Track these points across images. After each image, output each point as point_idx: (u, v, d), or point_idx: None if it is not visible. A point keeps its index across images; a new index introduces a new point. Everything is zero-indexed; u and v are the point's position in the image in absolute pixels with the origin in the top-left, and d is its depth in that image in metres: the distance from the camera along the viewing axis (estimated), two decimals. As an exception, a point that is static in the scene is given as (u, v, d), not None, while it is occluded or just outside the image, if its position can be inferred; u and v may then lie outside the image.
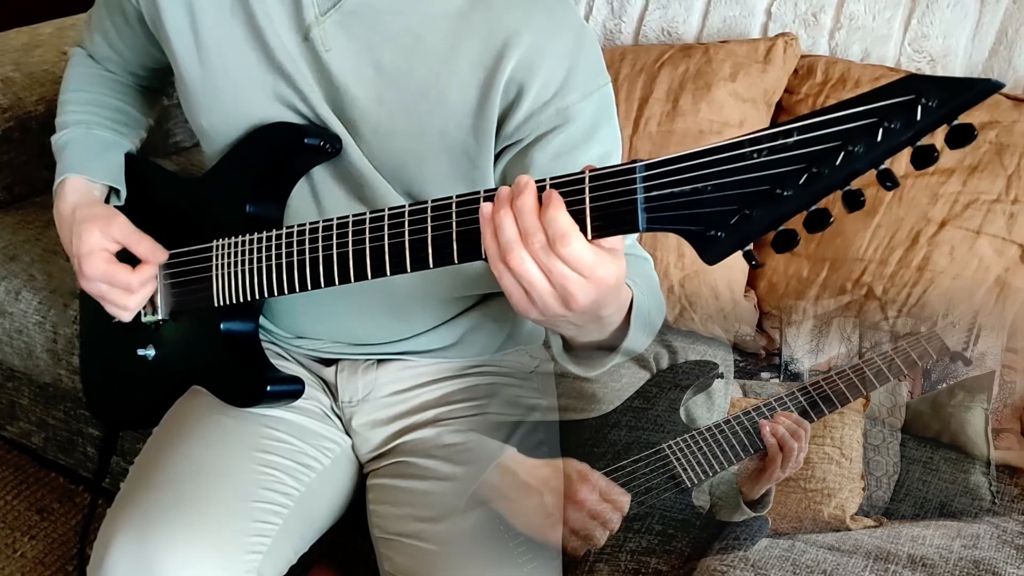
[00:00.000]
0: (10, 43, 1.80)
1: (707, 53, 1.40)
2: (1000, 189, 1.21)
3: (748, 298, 1.34)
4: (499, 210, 0.71)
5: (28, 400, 1.63)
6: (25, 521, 1.63)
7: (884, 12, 1.38)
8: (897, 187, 0.59)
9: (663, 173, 0.65)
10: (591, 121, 0.93)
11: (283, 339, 1.11)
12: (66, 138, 1.09)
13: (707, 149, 0.63)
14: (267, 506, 0.97)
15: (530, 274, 0.70)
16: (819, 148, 0.59)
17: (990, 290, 1.17)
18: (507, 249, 0.70)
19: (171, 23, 0.97)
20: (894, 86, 0.57)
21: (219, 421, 1.01)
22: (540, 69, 0.90)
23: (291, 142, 0.95)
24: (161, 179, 1.12)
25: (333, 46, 0.93)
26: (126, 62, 1.14)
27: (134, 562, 0.90)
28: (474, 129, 0.93)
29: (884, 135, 0.57)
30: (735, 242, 0.63)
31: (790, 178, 0.60)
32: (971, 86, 0.56)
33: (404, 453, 1.05)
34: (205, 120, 1.00)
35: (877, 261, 1.24)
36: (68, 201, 1.04)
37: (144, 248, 1.01)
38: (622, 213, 0.67)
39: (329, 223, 0.87)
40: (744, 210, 0.62)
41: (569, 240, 0.68)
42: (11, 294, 1.48)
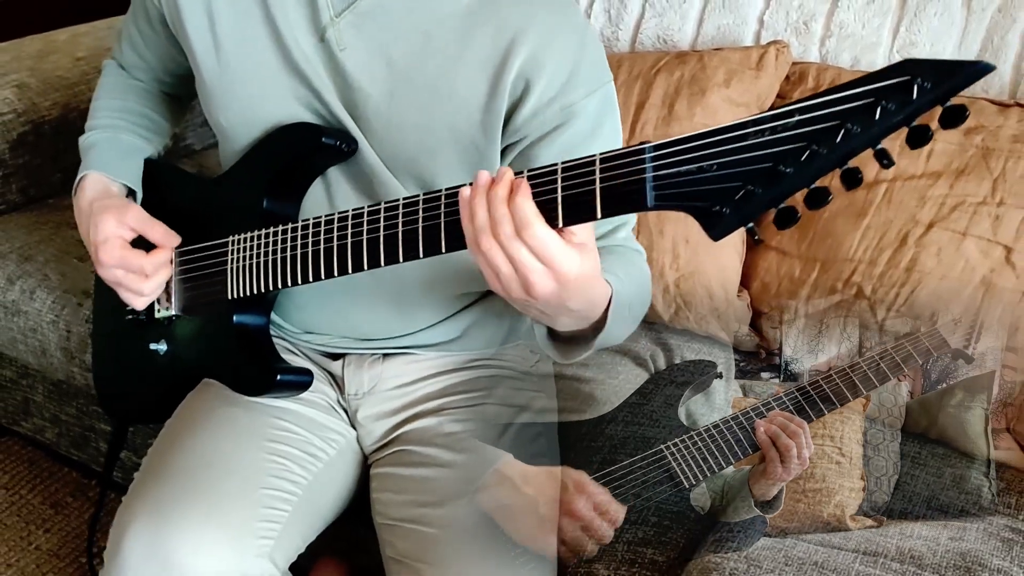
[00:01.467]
0: (25, 50, 1.80)
1: (702, 60, 1.40)
2: (986, 192, 1.21)
3: (741, 297, 1.34)
4: (475, 196, 0.73)
5: (42, 397, 1.63)
6: (40, 515, 1.63)
7: (873, 20, 1.38)
8: (893, 165, 0.60)
9: (671, 153, 0.66)
10: (595, 118, 0.94)
11: (293, 334, 1.11)
12: (93, 139, 1.11)
13: (713, 130, 0.64)
14: (277, 493, 0.97)
15: (496, 258, 0.73)
16: (819, 127, 0.60)
17: (976, 290, 1.17)
18: (478, 233, 0.73)
19: (190, 23, 0.99)
20: (891, 69, 0.58)
21: (230, 413, 1.02)
22: (546, 66, 0.91)
23: (309, 142, 0.96)
24: (181, 180, 1.13)
25: (347, 45, 0.94)
26: (152, 69, 1.16)
27: (149, 547, 0.90)
28: (482, 124, 0.94)
29: (881, 114, 0.58)
30: (740, 218, 0.64)
31: (791, 156, 0.61)
32: (963, 68, 0.57)
33: (406, 442, 1.05)
34: (224, 118, 1.01)
35: (867, 262, 1.24)
36: (87, 195, 1.06)
37: (157, 233, 1.03)
38: (632, 192, 0.68)
39: (331, 216, 0.88)
40: (748, 186, 0.63)
41: (533, 228, 0.71)
42: (26, 293, 1.48)
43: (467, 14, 0.93)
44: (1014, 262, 1.17)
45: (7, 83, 1.67)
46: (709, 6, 1.49)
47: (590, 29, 0.97)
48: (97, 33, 1.91)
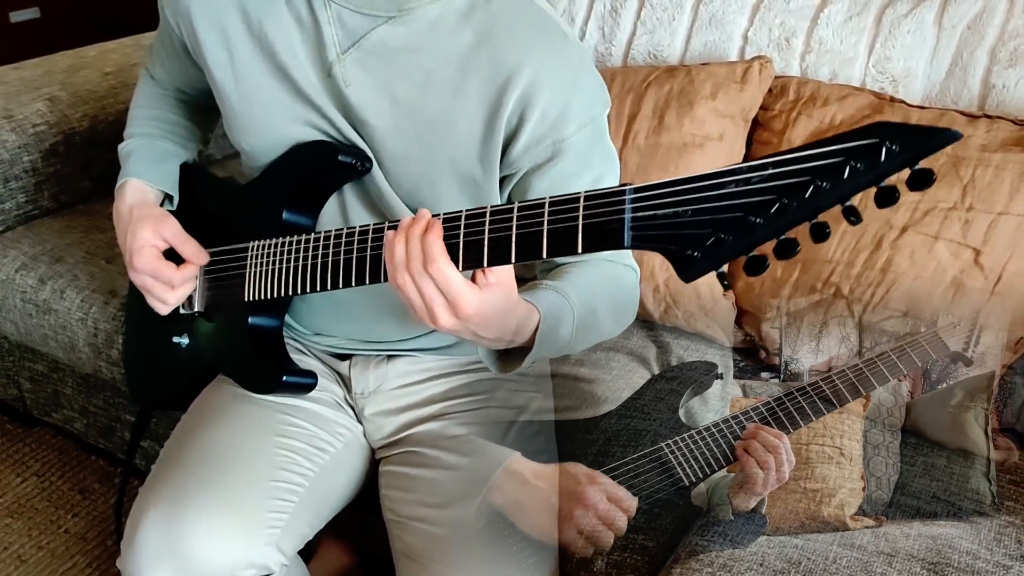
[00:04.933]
0: (57, 65, 1.81)
1: (689, 74, 1.39)
2: (956, 198, 1.20)
3: (727, 297, 1.34)
4: (396, 236, 0.76)
5: (71, 389, 1.63)
6: (68, 500, 1.63)
7: (850, 37, 1.38)
8: (860, 222, 0.58)
9: (649, 196, 0.65)
10: (584, 152, 0.93)
11: (304, 336, 1.11)
12: (131, 147, 1.11)
13: (689, 177, 0.63)
14: (285, 485, 0.97)
15: (407, 290, 0.76)
16: (790, 182, 0.59)
17: (947, 289, 1.17)
18: (394, 268, 0.76)
19: (210, 55, 0.98)
20: (862, 130, 0.57)
21: (242, 409, 1.02)
22: (539, 103, 0.90)
23: (327, 158, 0.95)
24: (210, 185, 1.13)
25: (353, 81, 0.93)
26: (179, 83, 1.15)
27: (163, 535, 0.90)
28: (480, 157, 0.93)
29: (850, 174, 0.57)
30: (711, 263, 0.63)
31: (762, 207, 0.60)
32: (932, 135, 0.56)
33: (413, 443, 1.05)
34: (245, 142, 1.01)
35: (844, 263, 1.24)
36: (127, 201, 1.06)
37: (189, 250, 1.02)
38: (611, 230, 0.67)
39: (346, 230, 0.88)
40: (719, 234, 0.62)
41: (437, 263, 0.73)
42: (56, 293, 1.48)
43: (467, 52, 0.91)
44: (982, 263, 1.17)
45: (40, 96, 1.67)
46: (696, 24, 1.48)
47: (586, 62, 0.95)
48: (124, 49, 1.91)
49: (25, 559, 1.50)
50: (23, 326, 1.53)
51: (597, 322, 0.92)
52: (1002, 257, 1.16)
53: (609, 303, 0.93)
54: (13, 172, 1.61)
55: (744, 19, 1.46)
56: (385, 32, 0.92)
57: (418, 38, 0.91)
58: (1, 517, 1.58)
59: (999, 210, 1.18)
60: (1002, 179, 1.18)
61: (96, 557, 1.51)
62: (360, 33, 0.92)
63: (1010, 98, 1.28)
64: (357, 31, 0.92)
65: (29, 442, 1.76)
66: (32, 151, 1.62)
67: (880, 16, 1.37)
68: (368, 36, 0.92)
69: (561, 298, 0.86)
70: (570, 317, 0.86)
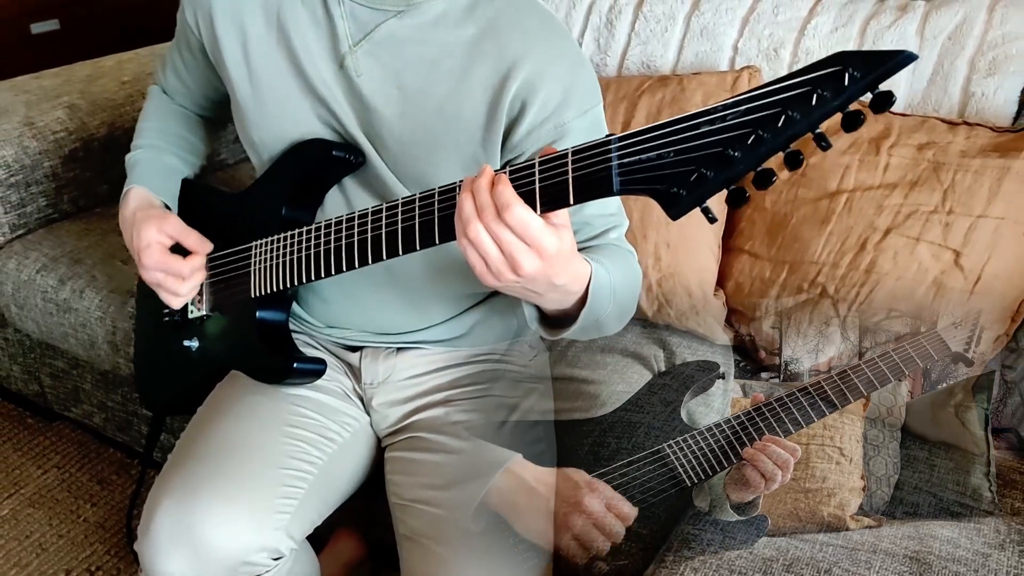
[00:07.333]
0: (76, 74, 1.81)
1: (681, 83, 1.39)
2: (937, 201, 1.20)
3: (717, 296, 1.34)
4: (462, 192, 0.73)
5: (91, 385, 1.63)
6: (87, 490, 1.63)
7: (836, 47, 1.38)
8: (830, 148, 0.60)
9: (633, 143, 0.66)
10: (584, 135, 0.93)
11: (316, 328, 1.11)
12: (138, 157, 1.13)
13: (668, 121, 0.65)
14: (294, 473, 0.97)
15: (484, 243, 0.71)
16: (763, 115, 0.60)
17: (928, 289, 1.17)
18: (466, 222, 0.72)
19: (228, 53, 1.00)
20: (825, 60, 0.59)
21: (253, 401, 1.02)
22: (541, 89, 0.91)
23: (321, 155, 0.97)
24: (211, 196, 1.14)
25: (363, 71, 0.95)
26: (192, 93, 1.16)
27: (177, 520, 0.90)
28: (483, 141, 0.94)
29: (817, 101, 0.59)
30: (695, 199, 0.64)
31: (739, 141, 0.61)
32: (890, 57, 0.57)
33: (417, 429, 1.05)
34: (256, 135, 1.02)
35: (830, 264, 1.23)
36: (131, 206, 1.07)
37: (192, 240, 1.04)
38: (600, 179, 0.68)
39: (340, 218, 0.89)
40: (701, 170, 0.63)
41: (513, 208, 0.70)
42: (76, 293, 1.48)
43: (471, 43, 0.93)
44: (962, 265, 1.16)
45: (60, 104, 1.67)
46: (688, 35, 1.48)
47: (583, 59, 0.97)
48: (140, 60, 1.91)
49: (46, 547, 1.51)
50: (44, 324, 1.53)
51: (624, 299, 0.91)
52: (981, 258, 1.16)
53: (623, 279, 0.92)
54: (34, 177, 1.61)
55: (734, 31, 1.45)
56: (394, 25, 0.94)
57: (424, 31, 0.94)
58: (23, 507, 1.58)
59: (978, 213, 1.17)
60: (981, 183, 1.18)
61: (114, 544, 1.51)
62: (371, 26, 0.95)
63: (989, 106, 1.28)
64: (368, 24, 0.95)
65: (50, 435, 1.76)
66: (52, 157, 1.62)
67: (864, 27, 1.36)
68: (378, 29, 0.94)
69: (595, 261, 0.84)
70: (608, 277, 0.85)
